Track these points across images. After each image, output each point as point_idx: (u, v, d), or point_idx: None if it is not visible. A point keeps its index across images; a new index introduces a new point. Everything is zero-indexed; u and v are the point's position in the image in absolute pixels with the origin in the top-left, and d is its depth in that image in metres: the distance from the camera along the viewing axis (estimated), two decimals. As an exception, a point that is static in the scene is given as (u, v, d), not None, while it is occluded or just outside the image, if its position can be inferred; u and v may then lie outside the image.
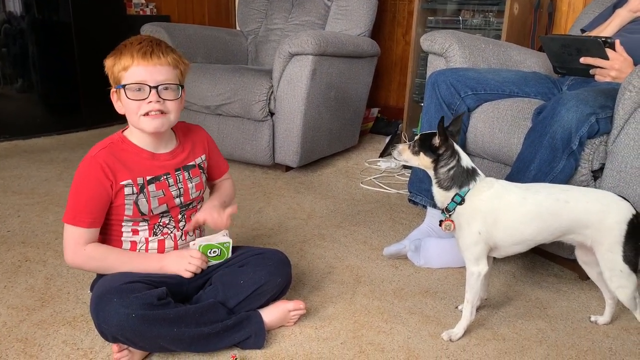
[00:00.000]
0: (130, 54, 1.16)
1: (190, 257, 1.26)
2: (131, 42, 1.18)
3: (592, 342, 1.35)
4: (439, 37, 1.96)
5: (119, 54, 1.17)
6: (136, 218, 1.24)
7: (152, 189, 1.24)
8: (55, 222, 1.93)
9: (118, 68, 1.17)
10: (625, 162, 1.42)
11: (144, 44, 1.18)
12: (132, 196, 1.22)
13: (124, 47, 1.18)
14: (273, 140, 2.55)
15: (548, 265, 1.75)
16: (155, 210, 1.25)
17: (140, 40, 1.19)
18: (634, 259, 1.23)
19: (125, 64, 1.16)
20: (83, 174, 1.19)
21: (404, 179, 2.61)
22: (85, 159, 1.20)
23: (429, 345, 1.30)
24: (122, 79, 1.17)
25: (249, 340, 1.25)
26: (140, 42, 1.18)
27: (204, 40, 3.03)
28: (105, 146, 1.21)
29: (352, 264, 1.71)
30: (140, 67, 1.16)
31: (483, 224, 1.28)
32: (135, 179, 1.22)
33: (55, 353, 1.22)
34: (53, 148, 3.00)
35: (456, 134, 1.33)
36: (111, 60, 1.19)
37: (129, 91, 1.17)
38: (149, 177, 1.24)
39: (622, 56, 1.66)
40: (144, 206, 1.23)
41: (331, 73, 2.55)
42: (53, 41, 3.21)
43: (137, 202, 1.22)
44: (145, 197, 1.23)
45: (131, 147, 1.24)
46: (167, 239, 1.29)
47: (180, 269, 1.26)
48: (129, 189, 1.21)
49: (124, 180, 1.20)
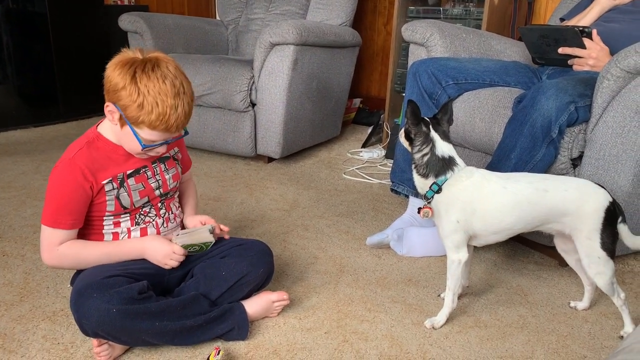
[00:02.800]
0: (166, 120, 1.10)
1: (173, 253, 1.24)
2: (163, 98, 1.09)
3: (572, 328, 1.37)
4: (420, 26, 1.96)
5: (150, 105, 1.09)
6: (118, 212, 1.22)
7: (132, 182, 1.22)
8: (33, 216, 1.90)
9: (140, 115, 1.10)
10: (604, 150, 1.44)
11: (179, 111, 1.11)
12: (113, 192, 1.20)
13: (155, 98, 1.09)
14: (255, 131, 2.53)
15: (528, 253, 1.77)
16: (137, 204, 1.24)
17: (174, 102, 1.11)
18: (611, 245, 1.25)
19: (154, 124, 1.10)
20: (62, 177, 1.16)
21: (386, 169, 2.61)
22: (63, 161, 1.16)
23: (412, 333, 1.31)
24: (140, 127, 1.12)
25: (232, 332, 1.24)
26: (175, 106, 1.11)
27: (184, 31, 2.99)
28: (81, 147, 1.17)
29: (335, 254, 1.72)
30: (167, 134, 1.15)
31: (461, 213, 1.29)
32: (115, 175, 1.20)
33: (35, 348, 1.20)
34: (29, 141, 2.94)
35: (446, 121, 1.32)
36: (129, 93, 1.09)
37: (141, 138, 1.14)
38: (129, 171, 1.22)
39: (598, 45, 1.68)
40: (126, 200, 1.22)
41: (313, 63, 2.54)
42: (28, 32, 3.14)
43: (118, 197, 1.20)
44: (126, 191, 1.21)
45: (108, 145, 1.20)
46: (149, 226, 1.28)
47: (160, 262, 1.24)
48: (109, 185, 1.19)
49: (104, 179, 1.18)
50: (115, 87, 1.10)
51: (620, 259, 1.72)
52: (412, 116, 1.29)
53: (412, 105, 1.29)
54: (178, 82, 1.12)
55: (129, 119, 1.12)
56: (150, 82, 1.09)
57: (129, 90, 1.09)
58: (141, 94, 1.09)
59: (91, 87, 3.37)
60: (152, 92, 1.09)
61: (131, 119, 1.11)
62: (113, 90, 1.11)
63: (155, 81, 1.09)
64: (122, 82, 1.09)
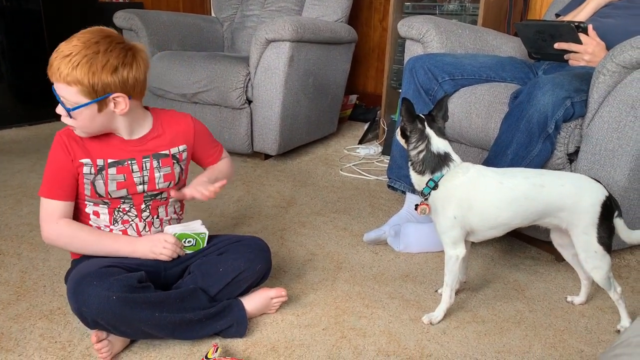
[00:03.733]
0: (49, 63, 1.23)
1: (165, 241, 1.24)
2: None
3: (569, 322, 1.37)
4: (416, 22, 1.96)
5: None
6: (94, 199, 1.23)
7: (112, 172, 1.22)
8: (29, 215, 1.89)
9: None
10: (600, 144, 1.45)
11: (58, 53, 1.24)
12: (89, 176, 1.21)
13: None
14: (251, 128, 2.53)
15: (525, 248, 1.78)
16: (114, 194, 1.23)
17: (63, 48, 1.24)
18: (608, 240, 1.26)
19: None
20: (51, 150, 1.22)
21: (383, 166, 2.61)
22: (56, 134, 1.23)
23: (409, 329, 1.32)
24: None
25: (230, 328, 1.24)
26: (56, 51, 1.23)
27: (179, 27, 2.98)
28: None
29: (333, 251, 1.72)
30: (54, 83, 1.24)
31: (458, 209, 1.29)
32: (95, 160, 1.21)
33: (32, 347, 1.20)
34: (25, 139, 2.93)
35: (441, 117, 1.32)
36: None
37: None
38: (111, 159, 1.22)
39: (594, 40, 1.68)
40: (101, 188, 1.22)
41: (309, 60, 2.54)
42: (22, 29, 3.13)
43: (94, 182, 1.21)
44: (102, 179, 1.21)
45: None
46: (128, 228, 1.27)
47: (154, 252, 1.24)
48: (87, 168, 1.20)
49: (82, 158, 1.20)
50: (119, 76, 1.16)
51: (617, 254, 1.72)
52: (407, 113, 1.29)
53: (407, 103, 1.29)
54: (88, 42, 1.23)
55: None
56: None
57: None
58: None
59: (86, 85, 3.37)
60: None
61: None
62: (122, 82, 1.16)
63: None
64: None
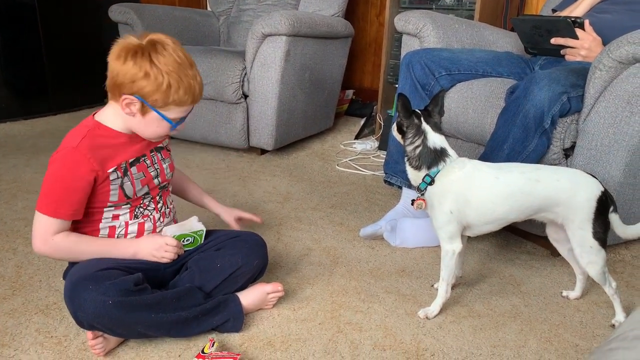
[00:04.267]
0: (192, 92, 1.15)
1: (166, 245, 1.23)
2: (185, 72, 1.14)
3: (564, 317, 1.38)
4: (413, 17, 1.95)
5: (177, 83, 1.12)
6: (120, 202, 1.21)
7: (134, 171, 1.22)
8: (24, 210, 1.89)
9: (170, 95, 1.12)
10: (596, 140, 1.45)
11: (198, 79, 1.17)
12: (117, 181, 1.19)
13: (178, 73, 1.12)
14: (247, 123, 2.52)
15: (521, 243, 1.78)
16: (139, 193, 1.23)
17: (193, 72, 1.16)
18: (603, 235, 1.26)
19: (183, 99, 1.14)
20: (66, 166, 1.13)
21: (380, 161, 2.62)
22: (65, 149, 1.13)
23: (406, 323, 1.32)
24: (167, 108, 1.15)
25: (227, 323, 1.24)
26: (195, 76, 1.16)
27: (175, 22, 2.97)
28: (84, 135, 1.15)
29: (329, 246, 1.72)
30: (192, 105, 1.19)
31: (455, 204, 1.29)
32: (119, 164, 1.19)
33: (28, 342, 1.20)
34: (20, 134, 2.91)
35: (437, 112, 1.32)
36: (154, 77, 1.11)
37: (170, 119, 1.18)
38: (131, 159, 1.21)
39: (591, 36, 1.68)
40: (129, 189, 1.21)
41: (305, 54, 2.53)
42: (16, 22, 3.10)
43: (122, 186, 1.19)
44: (129, 180, 1.21)
45: (108, 132, 1.19)
46: (146, 221, 1.27)
47: (156, 256, 1.23)
48: (114, 174, 1.18)
49: (110, 168, 1.17)
50: (134, 78, 1.11)
51: (612, 249, 1.73)
52: (403, 109, 1.30)
53: (403, 99, 1.29)
54: (184, 54, 1.16)
55: (156, 104, 1.13)
56: (167, 60, 1.12)
57: (153, 76, 1.10)
58: (164, 74, 1.11)
59: (82, 79, 3.35)
60: (174, 68, 1.12)
61: (158, 103, 1.13)
62: (130, 82, 1.11)
63: (170, 58, 1.12)
64: (141, 70, 1.10)
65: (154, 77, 1.10)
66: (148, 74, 1.10)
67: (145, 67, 1.10)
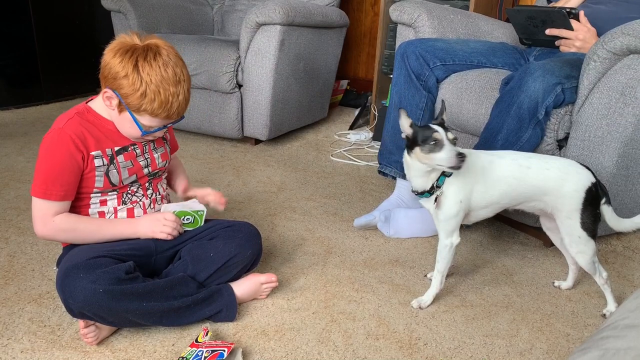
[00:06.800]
0: (168, 107, 1.13)
1: (165, 219, 1.25)
2: (165, 87, 1.12)
3: (556, 306, 1.39)
4: (408, 7, 1.95)
5: (153, 94, 1.11)
6: (106, 189, 1.22)
7: (121, 159, 1.22)
8: (16, 199, 1.87)
9: (143, 103, 1.12)
10: (589, 131, 1.45)
11: (180, 98, 1.15)
12: (102, 167, 1.19)
13: (158, 86, 1.11)
14: (241, 112, 2.51)
15: (514, 234, 1.79)
16: (126, 181, 1.24)
17: (176, 90, 1.14)
18: (592, 225, 1.27)
19: (156, 112, 1.13)
20: (52, 147, 1.15)
21: (374, 151, 2.61)
22: (53, 130, 1.16)
23: (399, 313, 1.33)
24: (140, 114, 1.14)
25: (220, 313, 1.25)
26: (177, 94, 1.14)
27: (168, 10, 2.94)
28: (71, 117, 1.17)
29: (323, 236, 1.72)
30: (167, 120, 1.18)
31: (463, 192, 1.29)
32: (104, 150, 1.19)
33: (21, 331, 1.19)
34: (12, 122, 2.88)
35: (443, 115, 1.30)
36: (132, 82, 1.10)
37: (141, 124, 1.17)
38: (117, 147, 1.21)
39: (586, 27, 1.68)
40: (115, 177, 1.21)
41: (300, 44, 2.52)
42: (7, 9, 3.06)
43: (107, 173, 1.20)
44: (115, 168, 1.21)
45: (98, 118, 1.20)
46: (135, 207, 1.27)
47: (155, 230, 1.24)
48: (98, 160, 1.18)
49: (94, 150, 1.17)
50: (116, 75, 1.11)
51: (604, 239, 1.75)
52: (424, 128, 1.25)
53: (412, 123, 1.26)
54: (179, 70, 1.15)
55: (130, 106, 1.13)
56: (152, 70, 1.11)
57: (131, 79, 1.10)
58: (143, 82, 1.10)
59: (74, 67, 3.32)
60: (155, 80, 1.11)
61: (132, 107, 1.13)
62: (113, 78, 1.12)
63: (157, 69, 1.11)
64: (124, 70, 1.10)
65: (132, 81, 1.11)
66: (127, 76, 1.11)
67: (127, 69, 1.10)
